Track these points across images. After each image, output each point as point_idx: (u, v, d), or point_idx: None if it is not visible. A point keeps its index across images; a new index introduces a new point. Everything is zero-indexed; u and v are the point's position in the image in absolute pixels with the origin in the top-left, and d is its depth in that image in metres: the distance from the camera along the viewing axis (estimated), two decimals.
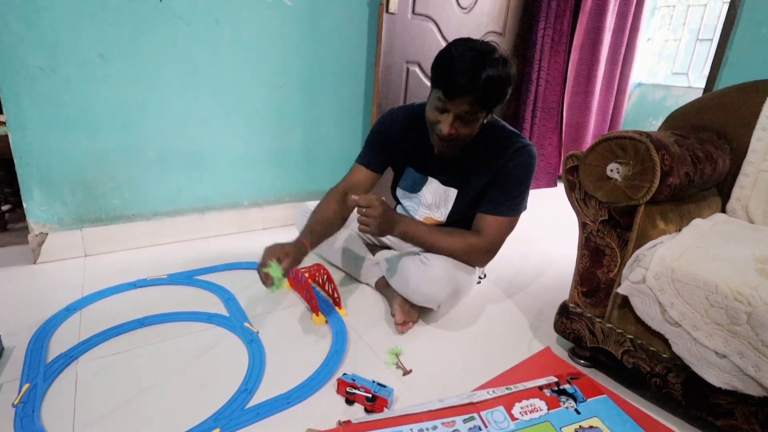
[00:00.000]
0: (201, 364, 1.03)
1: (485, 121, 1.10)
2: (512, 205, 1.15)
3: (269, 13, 1.65)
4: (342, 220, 1.25)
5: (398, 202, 1.41)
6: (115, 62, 1.43)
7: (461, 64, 0.96)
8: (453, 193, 1.24)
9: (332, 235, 1.26)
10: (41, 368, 0.96)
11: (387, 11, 1.81)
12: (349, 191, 1.22)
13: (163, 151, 1.61)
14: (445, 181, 1.25)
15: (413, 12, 1.92)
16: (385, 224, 1.08)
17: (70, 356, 1.01)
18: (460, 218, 1.26)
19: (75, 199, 1.50)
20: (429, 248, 1.20)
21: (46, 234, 1.47)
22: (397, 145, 1.27)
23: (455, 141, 1.08)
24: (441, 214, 1.28)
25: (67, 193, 1.48)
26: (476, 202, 1.21)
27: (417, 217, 1.32)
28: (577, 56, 2.70)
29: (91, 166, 1.49)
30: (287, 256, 1.03)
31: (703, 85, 2.25)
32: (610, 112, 3.04)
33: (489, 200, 1.17)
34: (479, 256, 1.19)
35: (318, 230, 1.18)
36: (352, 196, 1.06)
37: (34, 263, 1.47)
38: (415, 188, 1.31)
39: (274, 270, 0.99)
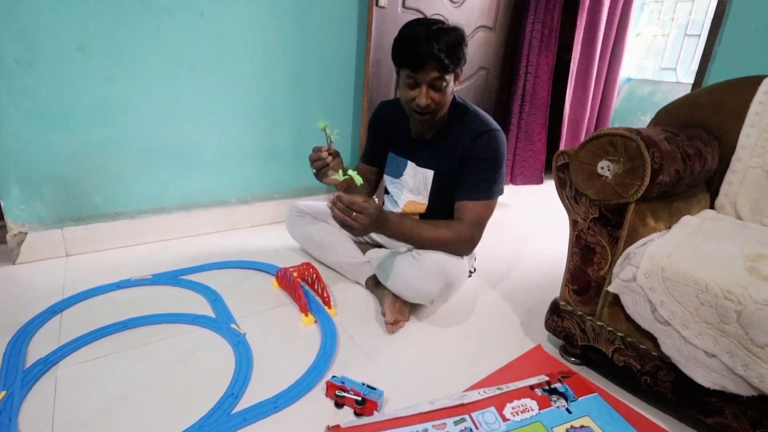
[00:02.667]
0: (186, 367, 1.01)
1: (454, 87, 1.16)
2: (486, 189, 1.18)
3: (256, 5, 1.61)
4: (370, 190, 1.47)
5: (386, 191, 1.45)
6: (95, 55, 1.39)
7: (418, 37, 1.06)
8: (430, 174, 1.27)
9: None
10: (19, 374, 0.93)
11: (377, 5, 1.79)
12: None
13: (147, 148, 1.56)
14: (421, 163, 1.29)
15: (403, 6, 1.89)
16: (373, 226, 1.07)
17: (49, 361, 0.98)
18: (443, 204, 1.28)
19: (55, 197, 1.46)
20: (416, 242, 1.20)
21: (26, 233, 1.43)
22: (382, 133, 1.38)
23: (433, 113, 1.16)
24: (423, 197, 1.31)
25: (47, 191, 1.44)
26: (453, 186, 1.23)
27: (401, 202, 1.37)
28: (578, 53, 2.69)
29: (71, 163, 1.45)
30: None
31: (691, 80, 2.26)
32: (600, 107, 3.05)
33: (463, 187, 1.20)
34: (464, 242, 1.20)
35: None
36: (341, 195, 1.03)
37: (14, 264, 1.43)
38: (397, 172, 1.35)
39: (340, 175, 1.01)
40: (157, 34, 1.47)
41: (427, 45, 1.05)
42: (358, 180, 0.98)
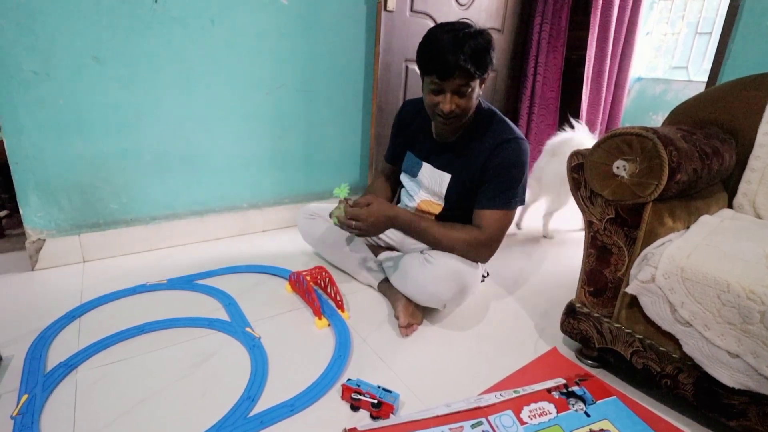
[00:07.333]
0: (202, 371, 1.02)
1: (480, 92, 1.14)
2: (506, 198, 1.16)
3: (265, 12, 1.63)
4: (392, 192, 1.49)
5: (401, 185, 1.44)
6: (110, 65, 1.41)
7: (445, 46, 1.04)
8: (447, 177, 1.26)
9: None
10: (40, 378, 0.95)
11: (385, 9, 1.79)
12: (378, 181, 1.49)
13: (160, 155, 1.59)
14: (439, 165, 1.27)
15: (411, 9, 1.90)
16: (377, 228, 1.16)
17: (69, 365, 0.99)
18: (459, 207, 1.26)
19: (72, 205, 1.48)
20: (429, 242, 1.21)
21: (44, 240, 1.45)
22: (403, 131, 1.38)
23: (458, 117, 1.14)
24: (438, 198, 1.30)
25: (64, 198, 1.46)
26: (471, 191, 1.22)
27: (416, 199, 1.36)
28: (593, 52, 2.67)
29: (87, 171, 1.47)
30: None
31: (702, 78, 2.22)
32: (611, 107, 3.02)
33: (483, 195, 1.18)
34: (480, 249, 1.19)
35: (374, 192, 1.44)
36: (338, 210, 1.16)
37: (32, 270, 1.45)
38: (413, 172, 1.34)
39: (342, 191, 1.15)
40: (169, 43, 1.49)
41: (453, 55, 1.02)
42: (344, 193, 1.15)
